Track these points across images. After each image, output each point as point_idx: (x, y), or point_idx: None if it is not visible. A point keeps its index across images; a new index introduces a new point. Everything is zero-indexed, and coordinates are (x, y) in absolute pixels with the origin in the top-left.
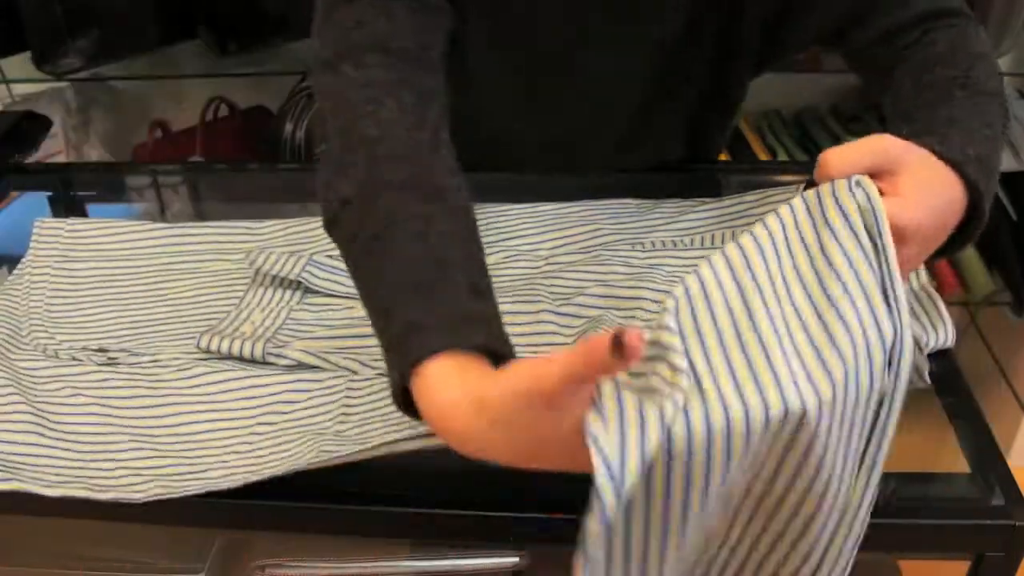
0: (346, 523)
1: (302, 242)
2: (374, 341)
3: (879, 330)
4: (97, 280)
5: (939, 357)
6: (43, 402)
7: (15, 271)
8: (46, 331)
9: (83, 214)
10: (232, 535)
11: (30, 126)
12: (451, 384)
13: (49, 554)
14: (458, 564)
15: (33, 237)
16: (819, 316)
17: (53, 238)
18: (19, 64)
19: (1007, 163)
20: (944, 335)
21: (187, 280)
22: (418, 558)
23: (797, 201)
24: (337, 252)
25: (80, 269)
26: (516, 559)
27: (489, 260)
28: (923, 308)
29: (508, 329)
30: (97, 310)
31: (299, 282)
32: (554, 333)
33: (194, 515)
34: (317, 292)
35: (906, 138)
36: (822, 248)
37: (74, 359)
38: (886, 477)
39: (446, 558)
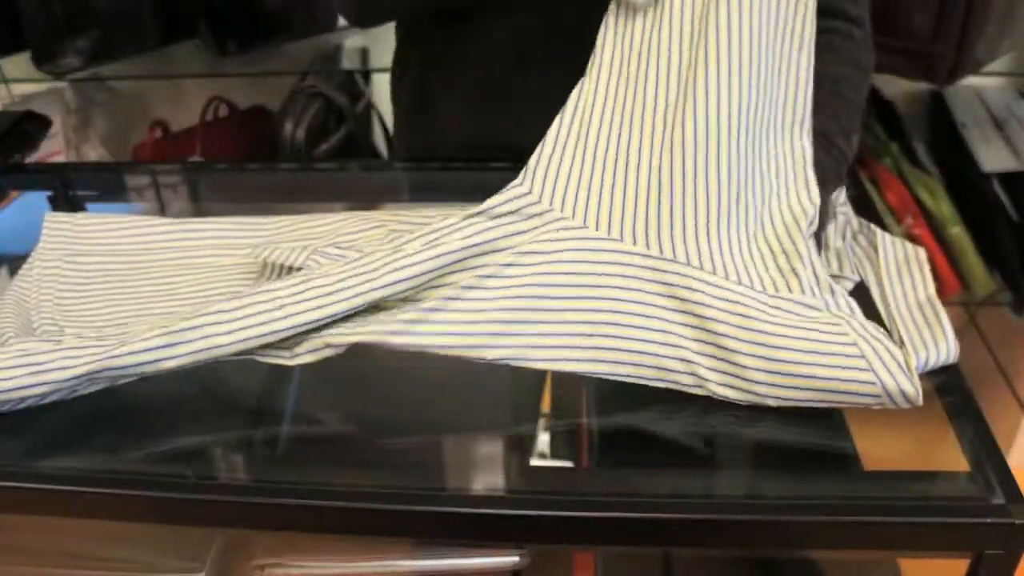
0: (346, 523)
1: (308, 238)
2: None
3: None
4: (106, 274)
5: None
6: None
7: (25, 264)
8: (55, 324)
9: None
10: (232, 535)
11: (30, 126)
12: None
13: (49, 553)
14: (458, 564)
15: (43, 231)
16: None
17: (62, 232)
18: (19, 64)
19: (1007, 163)
20: (947, 352)
21: (195, 275)
22: (418, 558)
23: None
24: (343, 242)
25: (89, 263)
26: (516, 559)
27: None
28: (926, 322)
29: None
30: (106, 304)
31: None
32: None
33: (194, 515)
34: None
35: None
36: None
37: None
38: (887, 476)
39: (446, 558)
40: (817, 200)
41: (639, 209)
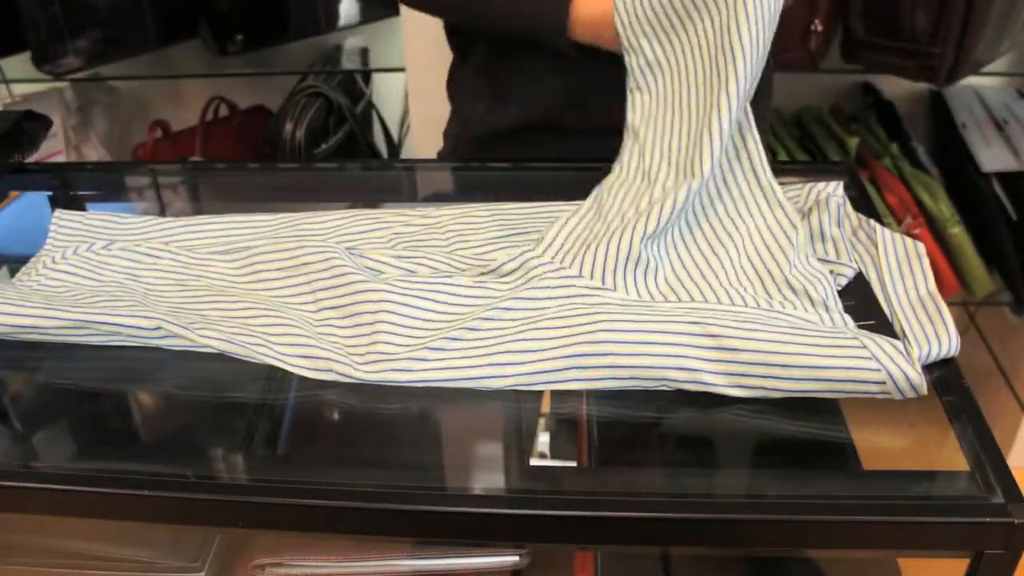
0: (346, 523)
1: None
2: None
3: None
4: (115, 270)
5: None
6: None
7: (31, 260)
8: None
9: None
10: (232, 535)
11: (30, 126)
12: None
13: (49, 552)
14: (458, 564)
15: (52, 227)
16: None
17: (71, 228)
18: (19, 64)
19: (1007, 163)
20: (948, 345)
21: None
22: (418, 558)
23: None
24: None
25: (98, 258)
26: (516, 559)
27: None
28: (928, 317)
29: None
30: (116, 293)
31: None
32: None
33: (194, 515)
34: None
35: None
36: None
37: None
38: (887, 476)
39: (446, 558)
40: (797, 220)
41: (628, 265)
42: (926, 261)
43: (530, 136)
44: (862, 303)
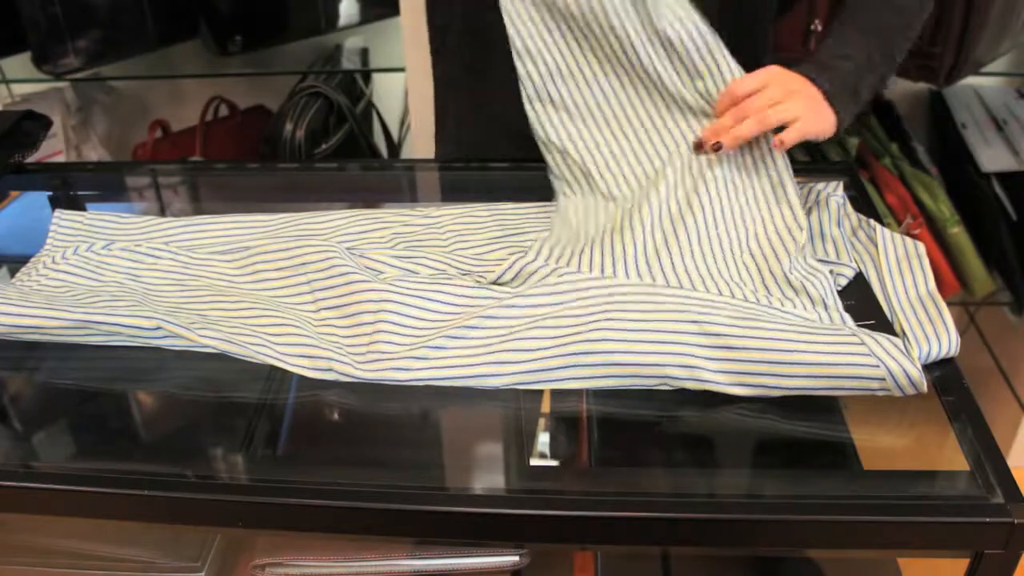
0: (346, 523)
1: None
2: None
3: None
4: (116, 269)
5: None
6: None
7: (31, 260)
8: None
9: None
10: (232, 534)
11: (30, 126)
12: None
13: (49, 552)
14: (458, 564)
15: (52, 227)
16: None
17: (72, 228)
18: (19, 64)
19: (1007, 163)
20: (948, 345)
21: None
22: (418, 558)
23: None
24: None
25: (98, 258)
26: (516, 559)
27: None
28: (928, 316)
29: None
30: (116, 292)
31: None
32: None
33: (194, 515)
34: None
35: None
36: None
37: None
38: (887, 476)
39: (446, 558)
40: (804, 222)
41: (627, 250)
42: (926, 261)
43: (513, 147)
44: (862, 303)
